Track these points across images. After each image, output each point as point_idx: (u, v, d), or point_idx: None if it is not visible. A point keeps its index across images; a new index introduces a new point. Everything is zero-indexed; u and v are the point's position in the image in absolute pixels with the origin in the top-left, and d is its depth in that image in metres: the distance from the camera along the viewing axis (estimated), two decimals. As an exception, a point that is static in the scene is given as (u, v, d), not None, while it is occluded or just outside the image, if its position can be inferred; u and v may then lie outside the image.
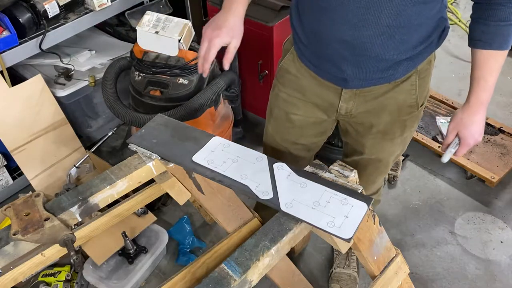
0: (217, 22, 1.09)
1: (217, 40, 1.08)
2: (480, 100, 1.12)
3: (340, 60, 1.12)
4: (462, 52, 3.21)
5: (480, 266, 1.89)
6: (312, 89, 1.25)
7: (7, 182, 2.17)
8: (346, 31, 1.04)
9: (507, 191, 2.21)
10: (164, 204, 2.17)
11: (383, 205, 2.16)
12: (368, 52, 1.07)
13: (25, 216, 0.99)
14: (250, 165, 1.05)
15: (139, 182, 1.14)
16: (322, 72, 1.20)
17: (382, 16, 0.99)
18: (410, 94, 1.21)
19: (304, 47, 1.20)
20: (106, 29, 2.57)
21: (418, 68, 1.18)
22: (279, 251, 0.91)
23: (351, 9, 1.00)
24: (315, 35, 1.13)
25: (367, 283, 1.82)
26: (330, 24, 1.05)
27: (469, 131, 1.15)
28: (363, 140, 1.34)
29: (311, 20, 1.12)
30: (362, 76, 1.14)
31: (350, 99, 1.22)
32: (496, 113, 2.65)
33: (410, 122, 1.29)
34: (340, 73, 1.15)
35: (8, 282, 1.00)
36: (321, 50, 1.14)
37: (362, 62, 1.10)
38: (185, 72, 1.86)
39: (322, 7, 1.04)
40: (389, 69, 1.13)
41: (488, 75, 1.09)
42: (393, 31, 1.02)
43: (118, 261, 1.85)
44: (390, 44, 1.06)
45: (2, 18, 1.80)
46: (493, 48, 1.06)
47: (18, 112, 1.96)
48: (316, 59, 1.19)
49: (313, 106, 1.29)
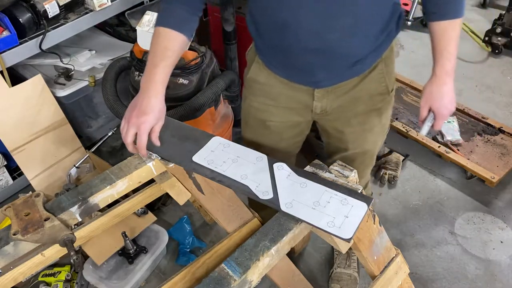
0: (139, 107, 1.06)
1: (145, 126, 1.05)
2: (445, 70, 1.14)
3: (311, 67, 1.14)
4: (462, 52, 3.21)
5: (480, 266, 1.89)
6: (284, 94, 1.26)
7: (7, 182, 2.17)
8: (311, 40, 1.06)
9: (507, 191, 2.21)
10: (164, 204, 2.17)
11: (383, 205, 2.16)
12: (337, 54, 1.10)
13: (25, 216, 0.99)
14: (250, 165, 1.05)
15: (139, 182, 1.14)
16: (293, 77, 1.22)
17: (341, 18, 1.02)
18: (379, 82, 1.24)
19: (271, 57, 1.22)
20: (106, 29, 2.57)
21: (382, 57, 1.21)
22: (279, 251, 0.91)
23: (311, 19, 1.02)
24: (280, 50, 1.14)
25: (367, 283, 1.82)
26: (295, 38, 1.07)
27: (440, 102, 1.17)
28: (344, 136, 1.35)
29: (273, 37, 1.13)
30: (333, 75, 1.17)
31: (323, 97, 1.24)
32: (496, 113, 2.65)
33: (385, 109, 1.32)
34: (312, 77, 1.18)
35: (8, 282, 1.00)
36: (290, 61, 1.16)
37: (332, 64, 1.13)
38: (185, 72, 1.86)
39: (282, 24, 1.06)
40: (356, 63, 1.16)
41: (449, 45, 1.12)
42: (355, 29, 1.05)
43: (118, 261, 1.85)
44: (355, 42, 1.09)
45: (2, 18, 1.80)
46: (448, 18, 1.09)
47: (18, 112, 1.96)
48: (285, 68, 1.20)
49: (288, 111, 1.30)
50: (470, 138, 2.40)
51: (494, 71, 3.03)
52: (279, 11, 1.04)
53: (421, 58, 3.19)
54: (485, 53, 3.19)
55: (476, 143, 2.37)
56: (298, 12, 1.01)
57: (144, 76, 1.09)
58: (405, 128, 2.45)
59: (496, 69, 3.05)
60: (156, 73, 1.08)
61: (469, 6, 3.74)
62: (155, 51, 1.10)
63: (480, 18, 3.57)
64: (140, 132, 1.05)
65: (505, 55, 3.15)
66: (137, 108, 1.07)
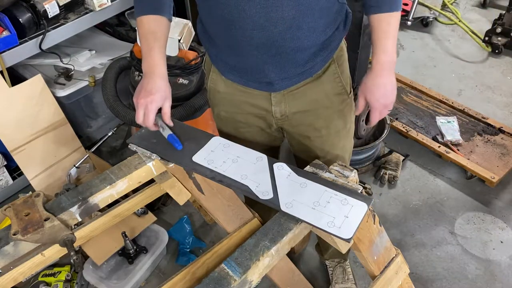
0: (146, 88, 1.10)
1: (153, 105, 1.09)
2: (380, 62, 1.12)
3: (261, 65, 1.14)
4: (462, 52, 3.22)
5: (480, 266, 1.89)
6: (244, 101, 1.27)
7: (7, 182, 2.17)
8: (256, 34, 1.06)
9: (507, 191, 2.21)
10: (164, 204, 2.17)
11: (383, 205, 2.16)
12: (283, 49, 1.10)
13: (25, 216, 0.99)
14: (250, 165, 1.05)
15: (139, 182, 1.14)
16: (248, 82, 1.22)
17: (285, 10, 1.02)
18: (335, 82, 1.24)
19: (224, 63, 1.22)
20: (106, 29, 2.57)
21: (334, 57, 1.21)
22: (279, 251, 0.91)
23: (254, 13, 1.02)
24: (231, 49, 1.15)
25: (367, 283, 1.82)
26: (241, 33, 1.07)
27: (373, 94, 1.15)
28: (311, 142, 1.34)
29: (222, 37, 1.14)
30: (285, 75, 1.17)
31: (281, 101, 1.24)
32: (496, 113, 2.65)
33: (348, 111, 1.31)
34: (264, 77, 1.17)
35: (8, 282, 1.00)
36: (241, 60, 1.16)
37: (280, 60, 1.13)
38: (185, 72, 1.86)
39: (229, 21, 1.06)
40: (307, 62, 1.15)
41: (384, 39, 1.11)
42: (299, 21, 1.05)
43: (118, 261, 1.85)
44: (300, 35, 1.08)
45: (2, 18, 1.80)
46: (382, 11, 1.10)
47: (18, 112, 1.96)
48: (239, 71, 1.21)
49: (252, 116, 1.30)
50: (470, 138, 2.40)
51: (494, 71, 3.03)
52: (226, 6, 1.04)
53: (421, 58, 3.19)
54: (485, 53, 3.19)
55: (476, 143, 2.37)
56: (243, 5, 1.02)
57: (144, 62, 1.13)
58: (405, 128, 2.45)
59: (496, 69, 3.05)
60: (154, 55, 1.12)
61: (469, 6, 3.74)
62: (146, 38, 1.14)
63: (480, 18, 3.57)
64: (147, 111, 1.09)
65: (505, 55, 3.15)
66: (143, 89, 1.10)
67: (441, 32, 3.46)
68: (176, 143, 1.11)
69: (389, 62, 1.12)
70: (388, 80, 1.13)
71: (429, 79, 2.95)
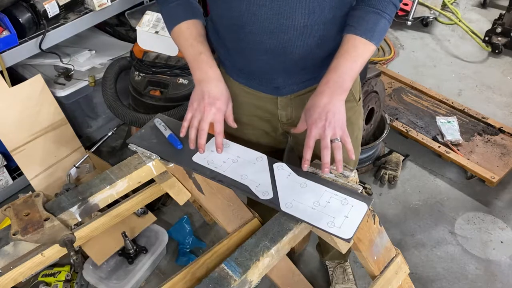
0: (210, 93, 1.06)
1: (220, 115, 1.07)
2: (326, 79, 1.02)
3: (269, 69, 1.12)
4: (462, 52, 3.22)
5: (480, 266, 1.89)
6: (250, 103, 1.26)
7: (7, 182, 2.17)
8: (266, 40, 1.04)
9: (507, 191, 2.21)
10: (164, 204, 2.17)
11: (383, 205, 2.16)
12: (292, 55, 1.07)
13: (25, 216, 0.99)
14: (250, 165, 1.05)
15: (139, 182, 1.14)
16: (255, 85, 1.21)
17: (296, 17, 1.00)
18: None
19: (231, 64, 1.21)
20: (106, 29, 2.57)
21: None
22: (279, 251, 0.91)
23: (265, 18, 1.01)
24: (239, 51, 1.13)
25: (367, 283, 1.82)
26: (251, 37, 1.06)
27: (309, 115, 1.02)
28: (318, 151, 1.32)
29: (231, 39, 1.12)
30: (292, 80, 1.15)
31: (287, 105, 1.22)
32: (496, 113, 2.65)
33: (356, 119, 1.28)
34: (271, 82, 1.16)
35: (8, 282, 1.00)
36: (249, 64, 1.15)
37: (289, 67, 1.10)
38: (185, 72, 1.86)
39: (239, 25, 1.05)
40: (316, 68, 1.12)
41: (341, 57, 1.01)
42: (311, 29, 1.03)
43: (118, 261, 1.85)
44: (310, 43, 1.05)
45: (2, 18, 1.80)
46: (355, 33, 1.01)
47: (18, 112, 1.96)
48: (246, 74, 1.20)
49: (257, 119, 1.29)
50: (470, 138, 2.41)
51: (494, 71, 3.03)
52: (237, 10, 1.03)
53: (421, 58, 3.19)
54: (485, 53, 3.19)
55: (476, 143, 2.37)
56: (255, 10, 1.01)
57: (195, 67, 1.09)
58: (405, 128, 2.45)
59: (496, 69, 3.05)
60: (207, 59, 1.09)
61: (469, 6, 3.74)
62: (191, 43, 1.10)
63: (480, 18, 3.57)
64: (216, 119, 1.06)
65: (505, 55, 3.15)
66: (206, 95, 1.06)
67: (441, 32, 3.46)
68: (176, 143, 1.10)
69: (337, 82, 1.00)
70: (330, 101, 1.00)
71: (429, 79, 2.95)
